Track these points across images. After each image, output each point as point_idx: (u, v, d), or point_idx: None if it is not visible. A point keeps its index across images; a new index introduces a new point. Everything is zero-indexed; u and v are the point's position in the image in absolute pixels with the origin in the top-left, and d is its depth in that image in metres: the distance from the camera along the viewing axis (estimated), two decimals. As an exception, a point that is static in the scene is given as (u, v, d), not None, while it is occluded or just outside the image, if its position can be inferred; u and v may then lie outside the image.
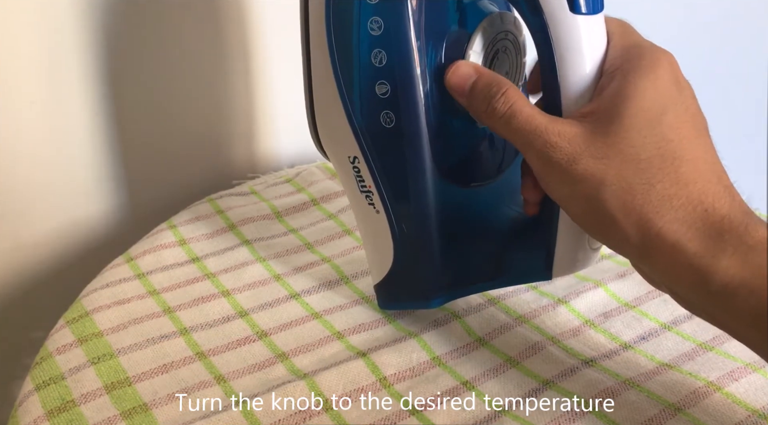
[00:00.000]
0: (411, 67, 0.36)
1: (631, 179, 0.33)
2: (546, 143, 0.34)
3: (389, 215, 0.40)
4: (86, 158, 0.56)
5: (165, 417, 0.37)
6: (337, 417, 0.37)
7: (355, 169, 0.39)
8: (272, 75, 0.62)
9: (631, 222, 0.33)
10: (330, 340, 0.42)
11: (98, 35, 0.52)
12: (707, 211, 0.32)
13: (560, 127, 0.34)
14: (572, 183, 0.34)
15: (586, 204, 0.34)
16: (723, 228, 0.32)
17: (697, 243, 0.32)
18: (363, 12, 0.36)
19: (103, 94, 0.54)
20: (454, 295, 0.43)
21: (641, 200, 0.32)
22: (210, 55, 0.58)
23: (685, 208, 0.32)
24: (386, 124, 0.37)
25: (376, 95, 0.37)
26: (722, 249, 0.31)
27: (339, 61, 0.37)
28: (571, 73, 0.35)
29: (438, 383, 0.39)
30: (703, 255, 0.31)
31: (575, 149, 0.33)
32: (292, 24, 0.61)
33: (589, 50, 0.35)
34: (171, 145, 0.60)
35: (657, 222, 0.32)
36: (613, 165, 0.33)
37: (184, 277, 0.48)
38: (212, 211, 0.55)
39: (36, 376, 0.40)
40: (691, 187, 0.32)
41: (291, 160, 0.66)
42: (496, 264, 0.42)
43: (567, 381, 0.39)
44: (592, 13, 0.35)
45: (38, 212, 0.56)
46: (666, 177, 0.33)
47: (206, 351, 0.41)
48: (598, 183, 0.33)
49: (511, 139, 0.36)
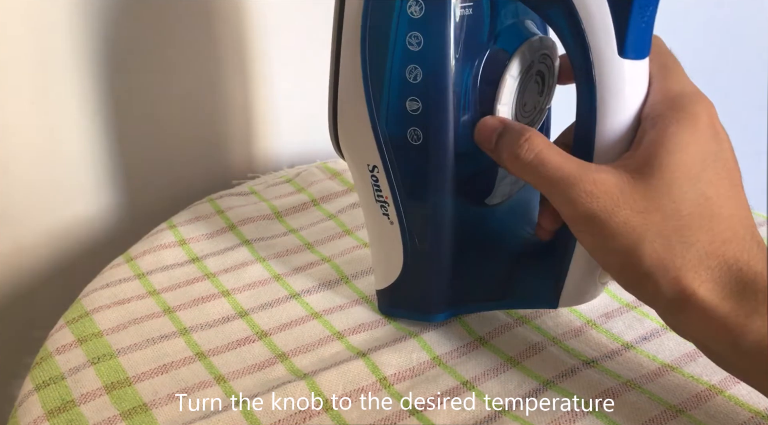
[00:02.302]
0: (446, 88, 0.35)
1: (671, 236, 0.32)
2: (581, 192, 0.33)
3: (403, 227, 0.39)
4: (86, 158, 0.56)
5: (165, 417, 0.37)
6: (337, 417, 0.37)
7: (373, 178, 0.39)
8: (272, 75, 0.62)
9: (667, 280, 0.32)
10: (330, 340, 0.42)
11: (98, 35, 0.52)
12: (742, 269, 0.32)
13: (596, 175, 0.33)
14: (610, 235, 0.33)
15: (622, 257, 0.33)
16: (757, 288, 0.31)
17: (730, 303, 0.31)
18: (402, 25, 0.34)
19: (103, 93, 0.54)
20: (457, 312, 0.43)
21: (680, 259, 0.32)
22: (210, 54, 0.58)
23: (721, 267, 0.32)
24: (413, 141, 0.37)
25: (406, 111, 0.36)
26: (755, 308, 0.31)
27: (370, 70, 0.36)
28: (611, 118, 0.34)
29: (438, 383, 0.39)
30: (737, 315, 0.31)
31: (614, 200, 0.32)
32: (292, 23, 0.61)
33: (632, 96, 0.34)
34: (171, 145, 0.60)
35: (694, 282, 0.32)
36: (653, 220, 0.32)
37: (184, 277, 0.48)
38: (212, 210, 0.55)
39: (36, 376, 0.40)
40: (727, 246, 0.32)
41: (291, 160, 0.66)
42: (503, 285, 0.41)
43: (567, 381, 0.39)
44: (641, 58, 0.34)
45: (38, 212, 0.56)
46: (704, 235, 0.32)
47: (206, 352, 0.41)
48: (637, 238, 0.32)
49: (540, 188, 0.34)
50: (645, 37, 0.34)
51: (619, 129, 0.34)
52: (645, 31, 0.33)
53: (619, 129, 0.34)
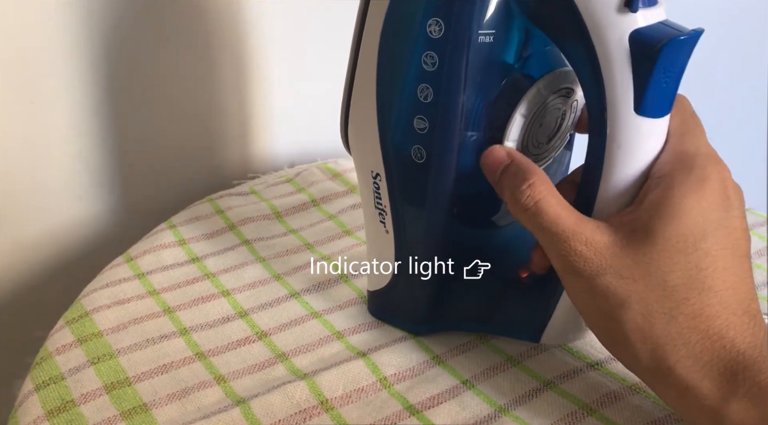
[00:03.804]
0: (454, 112, 0.34)
1: (653, 306, 0.31)
2: (570, 250, 0.32)
3: (397, 239, 0.39)
4: (86, 158, 0.55)
5: (165, 417, 0.37)
6: (337, 417, 0.37)
7: (375, 185, 0.38)
8: (272, 74, 0.62)
9: (645, 349, 0.32)
10: (330, 340, 0.42)
11: (98, 36, 0.52)
12: (725, 347, 0.31)
13: (589, 234, 0.32)
14: (592, 295, 0.32)
15: (603, 318, 0.33)
16: (737, 368, 0.30)
17: (708, 384, 0.31)
18: (420, 43, 0.34)
19: (102, 93, 0.54)
20: (441, 327, 0.42)
21: (659, 331, 0.31)
22: (209, 54, 0.58)
23: (702, 343, 0.31)
24: (416, 159, 0.36)
25: (412, 128, 0.35)
26: (733, 391, 0.30)
27: (385, 82, 0.35)
28: (617, 173, 0.33)
29: (438, 382, 0.39)
30: (714, 397, 0.30)
31: (600, 262, 0.32)
32: (290, 23, 0.61)
33: (644, 153, 0.33)
34: (171, 145, 0.60)
35: (672, 356, 0.31)
36: (637, 288, 0.31)
37: (184, 277, 0.48)
38: (212, 210, 0.55)
39: (36, 376, 0.40)
40: (713, 321, 0.31)
41: (291, 160, 0.66)
42: (488, 310, 0.41)
43: (569, 382, 0.39)
44: (658, 117, 0.32)
45: (38, 212, 0.56)
46: (689, 308, 0.31)
47: (206, 352, 0.41)
48: (618, 303, 0.32)
49: (534, 234, 0.34)
50: (666, 97, 0.32)
51: (625, 184, 0.33)
52: (666, 91, 0.32)
53: (624, 184, 0.33)
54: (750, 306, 0.32)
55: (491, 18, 0.33)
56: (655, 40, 0.30)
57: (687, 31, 0.31)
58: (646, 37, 0.30)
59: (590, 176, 0.34)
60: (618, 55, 0.31)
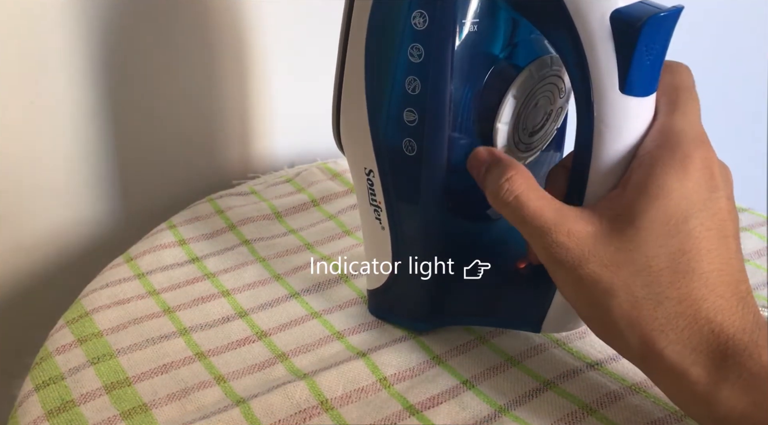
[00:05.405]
0: (443, 103, 0.35)
1: (639, 292, 0.31)
2: (553, 242, 0.32)
3: (393, 234, 0.39)
4: (86, 158, 0.55)
5: (165, 417, 0.37)
6: (337, 417, 0.37)
7: (369, 182, 0.38)
8: (272, 74, 0.62)
9: (634, 336, 0.31)
10: (330, 340, 0.42)
11: (98, 36, 0.52)
12: (713, 331, 0.30)
13: (570, 224, 0.32)
14: (578, 285, 0.32)
15: (592, 308, 0.33)
16: (727, 353, 0.30)
17: (699, 369, 0.30)
18: (406, 35, 0.34)
19: (102, 93, 0.54)
20: (441, 323, 0.42)
21: (647, 317, 0.31)
22: (209, 53, 0.58)
23: (691, 327, 0.30)
24: (407, 152, 0.36)
25: (402, 121, 0.36)
26: (724, 377, 0.30)
27: (373, 76, 0.36)
28: (605, 154, 0.33)
29: (438, 382, 0.39)
30: (705, 383, 0.30)
31: (583, 252, 0.32)
32: (290, 23, 0.61)
33: (631, 132, 0.33)
34: (171, 145, 0.60)
35: (661, 342, 0.31)
36: (621, 275, 0.31)
37: (184, 277, 0.48)
38: (212, 210, 0.55)
39: (36, 376, 0.40)
40: (700, 304, 0.31)
41: (291, 160, 0.66)
42: (488, 303, 0.41)
43: (569, 382, 0.39)
44: (644, 96, 0.32)
45: (38, 212, 0.56)
46: (675, 293, 0.31)
47: (206, 352, 0.41)
48: (603, 291, 0.31)
49: (518, 228, 0.34)
50: (650, 75, 0.32)
51: (614, 164, 0.33)
52: (650, 68, 0.32)
53: (613, 164, 0.33)
54: (738, 287, 0.31)
55: (475, 8, 0.34)
56: (636, 18, 0.30)
57: (667, 8, 0.31)
58: (627, 15, 0.31)
59: (581, 159, 0.34)
60: (600, 35, 0.31)
